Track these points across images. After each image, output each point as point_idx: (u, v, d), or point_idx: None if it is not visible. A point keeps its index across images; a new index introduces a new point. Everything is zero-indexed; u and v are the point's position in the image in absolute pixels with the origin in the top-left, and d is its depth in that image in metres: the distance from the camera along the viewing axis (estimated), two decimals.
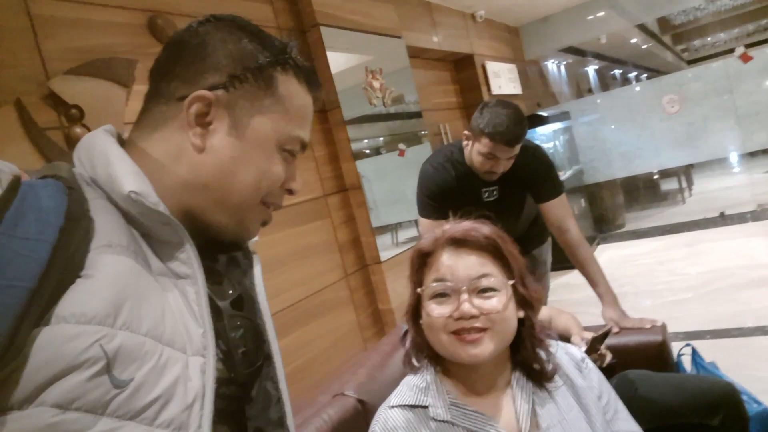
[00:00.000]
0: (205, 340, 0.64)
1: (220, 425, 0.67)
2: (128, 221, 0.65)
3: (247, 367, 0.73)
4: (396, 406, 1.03)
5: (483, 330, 0.97)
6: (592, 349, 1.68)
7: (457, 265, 1.01)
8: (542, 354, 1.06)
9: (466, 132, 2.05)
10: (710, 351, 2.26)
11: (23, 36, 1.72)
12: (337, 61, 2.95)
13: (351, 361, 1.68)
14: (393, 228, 3.28)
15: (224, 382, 0.68)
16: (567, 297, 3.99)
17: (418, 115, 3.66)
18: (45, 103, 1.74)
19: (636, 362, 1.80)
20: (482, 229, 1.05)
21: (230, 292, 0.75)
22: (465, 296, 0.97)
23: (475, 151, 2.01)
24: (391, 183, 3.27)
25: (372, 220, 2.96)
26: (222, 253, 0.80)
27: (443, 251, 1.04)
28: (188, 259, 0.67)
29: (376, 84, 3.25)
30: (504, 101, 2.00)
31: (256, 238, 0.87)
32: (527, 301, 1.04)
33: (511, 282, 1.02)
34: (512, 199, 2.19)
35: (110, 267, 0.57)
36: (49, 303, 0.52)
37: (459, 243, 1.03)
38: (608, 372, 1.73)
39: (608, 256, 5.27)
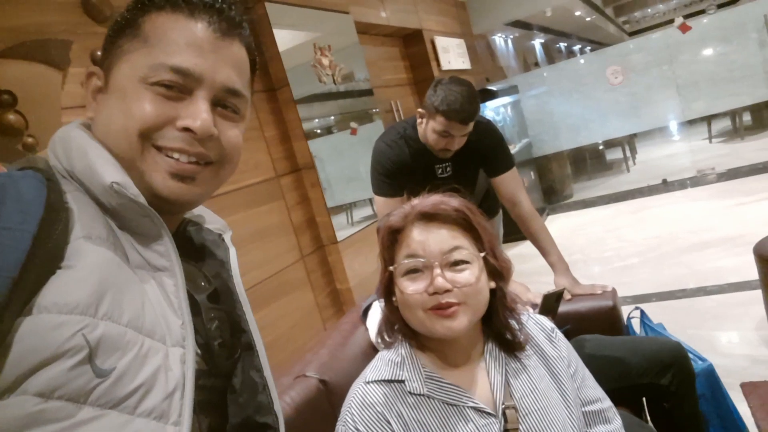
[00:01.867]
0: (184, 331, 0.64)
1: (202, 416, 0.68)
2: (106, 214, 0.64)
3: (226, 359, 0.73)
4: (372, 382, 1.03)
5: (457, 304, 0.97)
6: (548, 309, 1.73)
7: (428, 239, 1.00)
8: (514, 324, 1.08)
9: (420, 110, 2.04)
10: (657, 313, 2.37)
11: None
12: (285, 38, 2.89)
13: (312, 341, 1.67)
14: (348, 207, 3.26)
15: (203, 374, 0.69)
16: (520, 267, 4.04)
17: (369, 92, 3.63)
18: None
19: (589, 327, 1.86)
20: (451, 202, 1.04)
21: (203, 284, 0.75)
22: (438, 270, 0.97)
23: (429, 129, 2.01)
24: (345, 162, 3.24)
25: (327, 200, 2.94)
26: (197, 246, 0.80)
27: (413, 227, 1.02)
28: (166, 252, 0.67)
29: (326, 61, 3.20)
30: (457, 78, 2.00)
31: (230, 232, 0.87)
32: (498, 272, 1.05)
33: (482, 254, 1.02)
34: (465, 175, 2.21)
35: (90, 258, 0.57)
36: (30, 293, 0.52)
37: (429, 217, 1.02)
38: (565, 336, 1.79)
39: (558, 226, 5.41)
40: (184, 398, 0.61)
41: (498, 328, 1.07)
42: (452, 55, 5.49)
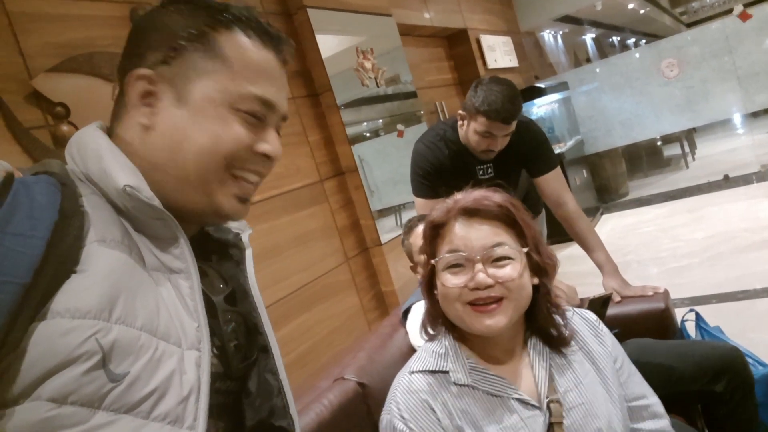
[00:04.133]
0: (199, 334, 0.65)
1: (218, 420, 0.68)
2: (122, 216, 0.65)
3: (241, 361, 0.73)
4: (417, 372, 1.03)
5: (499, 299, 0.97)
6: (595, 314, 1.67)
7: (470, 235, 1.00)
8: (558, 319, 1.07)
9: (460, 112, 2.02)
10: (716, 316, 2.25)
11: (1, 34, 1.69)
12: (327, 44, 2.91)
13: (351, 344, 1.67)
14: (396, 210, 3.26)
15: (219, 377, 0.69)
16: (570, 270, 3.96)
17: (413, 94, 3.61)
18: (29, 102, 1.72)
19: (639, 331, 1.79)
20: (494, 197, 1.03)
21: (221, 286, 0.75)
22: (479, 266, 0.97)
23: (471, 130, 1.98)
24: (392, 165, 3.24)
25: (374, 203, 2.94)
26: (215, 247, 0.80)
27: (455, 222, 1.02)
28: (182, 254, 0.67)
29: (368, 64, 3.21)
30: (497, 78, 1.97)
31: (249, 231, 0.87)
32: (541, 268, 1.04)
33: (525, 250, 1.01)
34: (507, 176, 2.17)
35: (104, 261, 0.58)
36: (44, 298, 0.53)
37: (471, 213, 1.02)
38: None
39: (611, 225, 5.25)
40: (199, 402, 0.61)
41: (541, 324, 1.06)
42: (498, 53, 5.42)
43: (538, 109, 5.52)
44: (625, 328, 1.81)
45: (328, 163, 2.86)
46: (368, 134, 3.13)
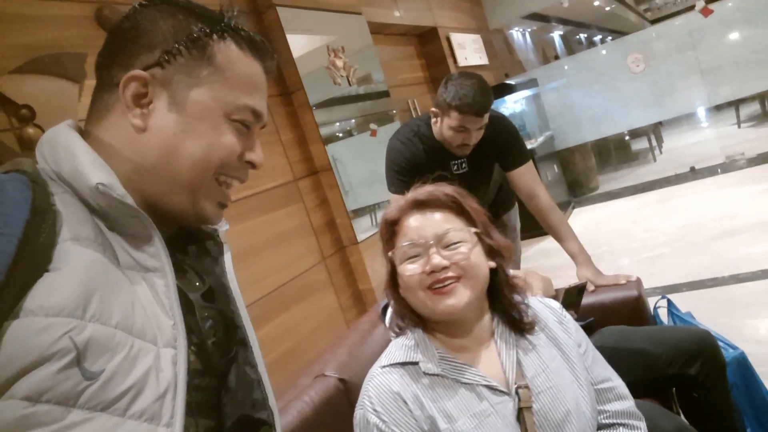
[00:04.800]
0: (175, 331, 0.64)
1: (198, 417, 0.68)
2: (95, 215, 0.65)
3: (221, 357, 0.73)
4: (387, 366, 1.06)
5: (456, 279, 1.01)
6: (570, 303, 1.70)
7: (423, 225, 1.06)
8: (519, 300, 1.11)
9: (433, 109, 2.04)
10: (687, 303, 2.30)
11: None
12: (298, 43, 2.90)
13: (331, 342, 1.67)
14: (371, 209, 3.26)
15: (198, 373, 0.69)
16: (544, 262, 4.03)
17: (385, 93, 3.62)
18: None
19: (613, 319, 1.82)
20: (442, 188, 1.10)
21: (197, 284, 0.75)
22: (434, 250, 1.02)
23: (445, 126, 2.00)
24: (366, 164, 3.24)
25: (349, 203, 2.94)
26: (192, 244, 0.80)
27: (409, 216, 1.08)
28: (156, 252, 0.67)
29: (339, 63, 3.20)
30: (466, 72, 1.99)
31: (225, 227, 0.86)
32: (495, 251, 1.09)
33: (474, 230, 1.07)
34: (481, 170, 2.19)
35: (78, 259, 0.57)
36: (17, 296, 0.53)
37: (422, 204, 1.08)
38: (587, 330, 1.75)
39: (584, 219, 5.33)
40: (176, 399, 0.61)
41: (504, 307, 1.10)
42: (468, 51, 5.46)
43: (509, 105, 5.57)
44: (600, 317, 1.84)
45: (301, 162, 2.85)
46: (341, 134, 3.13)
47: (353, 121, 3.28)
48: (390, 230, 1.10)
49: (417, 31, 4.83)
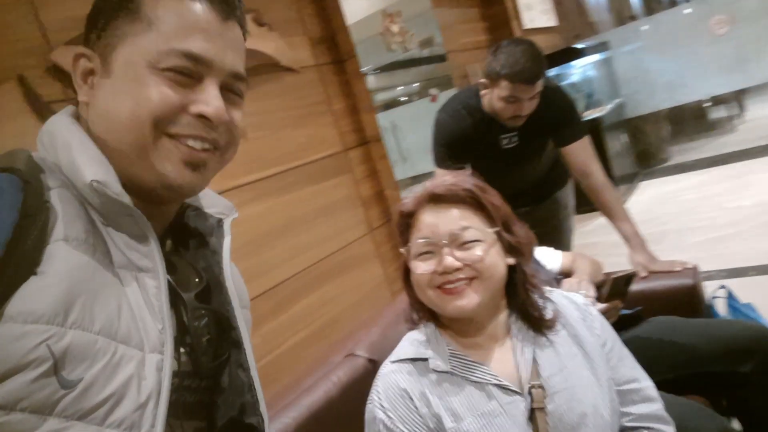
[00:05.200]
0: (163, 336, 0.63)
1: (186, 420, 0.67)
2: (91, 209, 0.64)
3: (213, 358, 0.72)
4: (397, 361, 1.06)
5: (469, 280, 0.97)
6: (617, 293, 1.62)
7: (438, 221, 1.02)
8: (538, 299, 1.06)
9: (482, 81, 1.96)
10: (752, 291, 2.16)
11: (20, 8, 1.70)
12: (352, 6, 2.84)
13: (366, 318, 1.67)
14: (429, 177, 3.20)
15: (190, 374, 0.68)
16: (604, 239, 3.86)
17: (442, 58, 3.51)
18: (49, 76, 1.73)
19: (664, 308, 1.73)
20: (462, 182, 1.05)
21: (196, 280, 0.74)
22: (446, 250, 0.99)
23: (495, 97, 1.92)
24: (425, 130, 3.15)
25: (406, 171, 2.91)
26: (193, 237, 0.78)
27: (424, 209, 1.05)
28: (150, 252, 0.65)
29: (395, 28, 3.13)
30: (516, 39, 1.91)
31: (234, 215, 0.83)
32: (515, 248, 1.05)
33: (493, 230, 1.02)
34: (532, 145, 2.11)
35: (64, 262, 0.57)
36: (1, 300, 0.52)
37: (439, 199, 1.04)
38: (634, 320, 1.68)
39: (650, 193, 5.08)
40: (158, 408, 0.60)
41: (521, 305, 1.06)
42: (536, 12, 5.20)
43: (576, 71, 5.31)
44: (649, 305, 1.75)
45: (352, 132, 2.82)
46: (400, 99, 3.08)
47: (410, 86, 3.21)
48: (404, 222, 1.07)
49: None
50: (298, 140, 2.48)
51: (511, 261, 1.05)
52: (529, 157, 2.13)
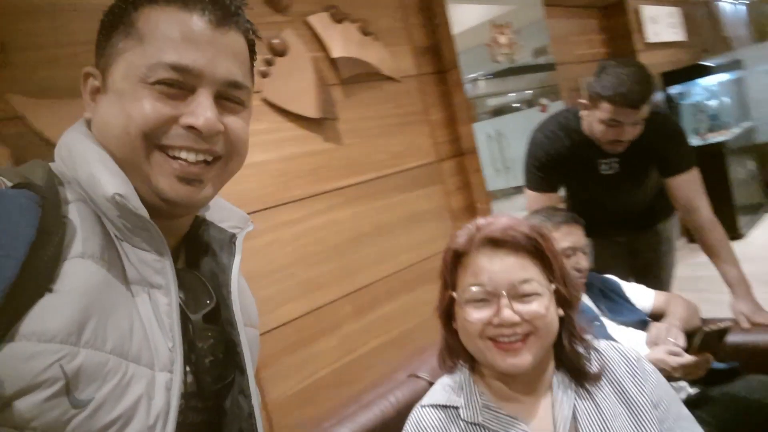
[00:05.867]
0: (173, 354, 0.64)
1: None
2: (108, 222, 0.64)
3: (217, 380, 0.71)
4: (428, 406, 1.02)
5: (524, 336, 0.92)
6: (708, 346, 1.49)
7: (496, 267, 0.95)
8: (583, 352, 1.00)
9: (582, 101, 1.87)
10: None
11: None
12: (459, 16, 2.81)
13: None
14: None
15: (194, 395, 0.68)
16: (714, 273, 3.57)
17: (551, 67, 3.38)
18: None
19: (765, 365, 1.57)
20: (520, 227, 0.98)
21: (207, 301, 0.73)
22: (505, 301, 0.92)
23: (595, 119, 1.82)
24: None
25: (508, 180, 2.85)
26: (207, 253, 0.77)
27: (479, 252, 0.97)
28: (163, 269, 0.66)
29: (503, 39, 3.06)
30: (624, 60, 1.80)
31: (250, 227, 0.82)
32: (567, 300, 0.98)
33: (553, 284, 0.96)
34: (634, 173, 1.98)
35: (80, 280, 0.57)
36: (15, 318, 0.52)
37: (496, 243, 0.96)
38: (729, 375, 1.54)
39: None
40: (166, 428, 0.61)
41: (567, 357, 0.99)
42: (662, 25, 4.89)
43: (702, 89, 4.93)
44: (749, 361, 1.60)
45: (448, 143, 2.80)
46: (511, 106, 3.01)
47: (520, 94, 3.13)
48: (455, 261, 1.01)
49: (602, 2, 4.43)
50: (393, 148, 2.50)
51: (561, 312, 0.99)
52: (630, 185, 2.01)
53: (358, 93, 2.40)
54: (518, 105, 3.08)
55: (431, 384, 1.38)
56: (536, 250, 0.97)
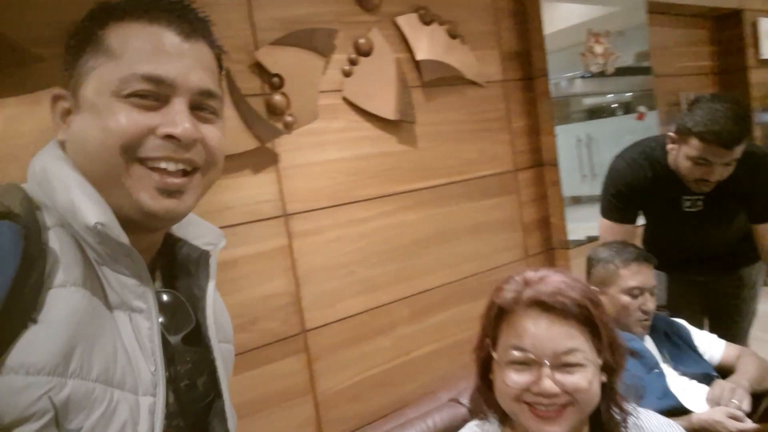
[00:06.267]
0: (155, 378, 0.64)
1: None
2: (87, 248, 0.64)
3: (199, 401, 0.72)
4: None
5: (562, 406, 0.88)
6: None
7: (541, 333, 0.91)
8: (620, 420, 0.96)
9: (670, 134, 1.76)
10: None
11: (239, 8, 1.90)
12: (553, 23, 2.70)
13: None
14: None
15: (177, 414, 0.69)
16: None
17: (647, 73, 3.19)
18: (251, 71, 1.93)
19: None
20: (571, 291, 0.92)
21: (187, 323, 0.74)
22: (547, 371, 0.88)
23: (682, 155, 1.72)
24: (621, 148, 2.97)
25: (594, 187, 2.74)
26: (184, 273, 0.77)
27: (525, 314, 0.93)
28: (143, 294, 0.66)
29: (599, 49, 2.93)
30: (721, 95, 1.67)
31: (222, 243, 0.81)
32: (611, 368, 0.94)
33: (601, 357, 0.92)
34: (720, 214, 1.85)
35: (63, 310, 0.57)
36: (0, 350, 0.53)
37: (544, 307, 0.92)
38: None
39: None
40: None
41: (602, 423, 0.95)
42: None
43: None
44: None
45: (527, 152, 2.73)
46: (600, 110, 2.91)
47: (615, 96, 3.01)
48: (498, 315, 0.97)
49: (716, 12, 4.13)
50: (468, 155, 2.47)
51: (604, 379, 0.94)
52: (714, 226, 1.88)
53: (438, 96, 2.37)
54: (615, 107, 2.94)
55: (472, 412, 1.38)
56: (586, 318, 0.92)
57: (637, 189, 1.86)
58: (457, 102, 2.44)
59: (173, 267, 0.77)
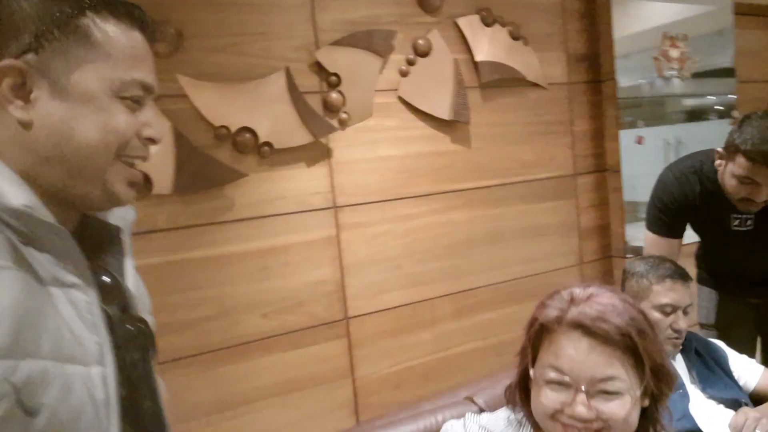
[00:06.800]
0: (100, 348, 0.66)
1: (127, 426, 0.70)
2: (8, 230, 0.62)
3: (136, 369, 0.75)
4: (483, 427, 1.05)
5: (597, 431, 0.88)
6: None
7: (580, 358, 0.89)
8: None
9: (718, 150, 1.70)
10: None
11: (302, 10, 2.01)
12: (624, 21, 2.62)
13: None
14: None
15: (122, 384, 0.70)
16: None
17: (728, 74, 3.03)
18: (311, 69, 2.03)
19: None
20: (616, 318, 0.89)
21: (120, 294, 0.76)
22: (582, 397, 0.87)
23: (728, 173, 1.66)
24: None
25: None
26: (101, 244, 0.78)
27: (566, 335, 0.91)
28: (76, 268, 0.67)
29: (675, 53, 2.81)
30: None
31: (132, 216, 0.83)
32: (655, 394, 0.92)
33: (638, 392, 0.90)
34: None
35: (3, 293, 0.57)
36: None
37: (586, 331, 0.89)
38: None
39: None
40: (110, 418, 0.65)
41: None
42: None
43: None
44: None
45: (589, 157, 2.68)
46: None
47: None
48: (540, 331, 0.95)
49: None
50: (524, 157, 2.47)
51: (646, 403, 0.92)
52: (764, 246, 1.79)
53: (496, 97, 2.39)
54: (709, 110, 2.83)
55: (483, 411, 1.42)
56: (628, 347, 0.89)
57: (683, 204, 1.80)
58: (515, 103, 2.44)
59: (88, 240, 0.75)
